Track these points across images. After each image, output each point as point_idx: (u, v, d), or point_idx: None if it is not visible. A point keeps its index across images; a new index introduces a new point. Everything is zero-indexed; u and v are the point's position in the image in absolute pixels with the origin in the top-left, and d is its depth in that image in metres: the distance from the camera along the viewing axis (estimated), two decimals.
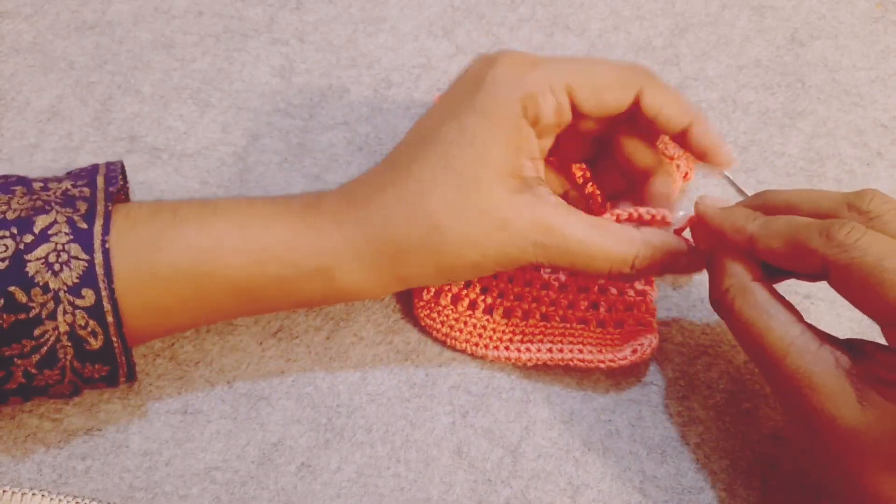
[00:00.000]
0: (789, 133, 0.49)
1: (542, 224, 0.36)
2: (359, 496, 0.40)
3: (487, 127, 0.36)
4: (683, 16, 0.52)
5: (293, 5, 0.51)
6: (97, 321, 0.35)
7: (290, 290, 0.37)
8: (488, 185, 0.36)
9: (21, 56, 0.48)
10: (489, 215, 0.36)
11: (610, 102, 0.37)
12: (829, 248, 0.33)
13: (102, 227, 0.35)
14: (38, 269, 0.34)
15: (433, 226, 0.36)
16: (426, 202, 0.36)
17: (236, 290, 0.36)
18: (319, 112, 0.48)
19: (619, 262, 0.37)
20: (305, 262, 0.36)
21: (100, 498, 0.39)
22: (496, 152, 0.36)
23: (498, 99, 0.36)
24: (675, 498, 0.40)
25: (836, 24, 0.52)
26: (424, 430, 0.41)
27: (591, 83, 0.37)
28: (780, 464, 0.41)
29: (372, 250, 0.36)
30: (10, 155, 0.46)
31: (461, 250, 0.36)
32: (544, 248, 0.36)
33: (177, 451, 0.40)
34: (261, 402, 0.41)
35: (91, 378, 0.36)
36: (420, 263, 0.36)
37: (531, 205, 0.36)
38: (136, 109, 0.47)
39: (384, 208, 0.36)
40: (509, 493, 0.40)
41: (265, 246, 0.36)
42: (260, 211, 0.37)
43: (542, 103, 0.36)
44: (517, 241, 0.36)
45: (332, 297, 0.38)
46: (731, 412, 0.42)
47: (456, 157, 0.36)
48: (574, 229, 0.36)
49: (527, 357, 0.42)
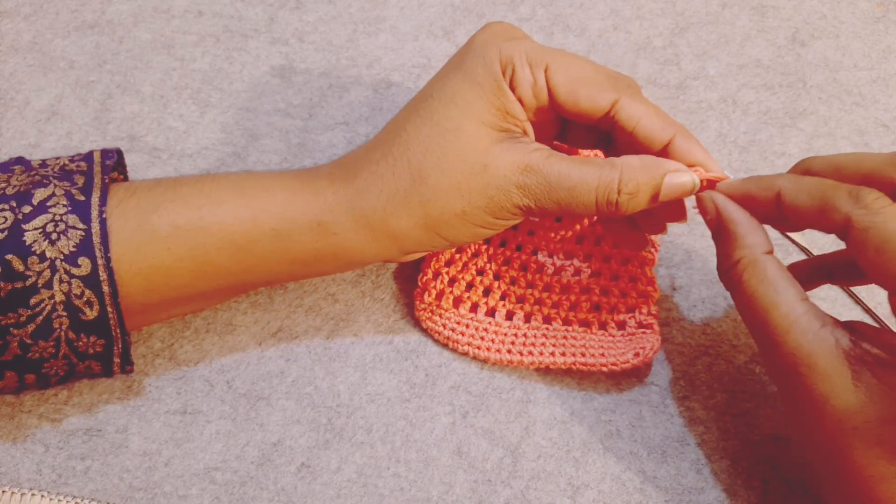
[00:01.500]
0: (790, 133, 0.49)
1: (521, 164, 0.36)
2: (359, 496, 0.39)
3: (469, 85, 0.37)
4: (684, 15, 0.52)
5: (293, 5, 0.51)
6: (93, 290, 0.35)
7: (285, 246, 0.37)
8: (469, 133, 0.36)
9: (20, 55, 0.48)
10: (470, 160, 0.36)
11: (584, 101, 0.37)
12: (855, 208, 0.34)
13: (100, 198, 0.36)
14: (35, 238, 0.34)
15: (417, 174, 0.36)
16: (410, 153, 0.37)
17: (233, 246, 0.37)
18: (319, 112, 0.48)
19: (604, 189, 0.36)
20: (300, 216, 0.37)
21: (99, 498, 0.39)
22: (477, 106, 0.37)
23: (481, 60, 0.37)
24: (675, 498, 0.40)
25: (837, 23, 0.52)
26: (424, 430, 0.41)
27: (569, 72, 0.37)
28: (781, 464, 0.41)
29: (363, 204, 0.37)
30: (10, 154, 0.46)
31: (446, 197, 0.36)
32: (526, 188, 0.36)
33: (176, 452, 0.40)
34: (260, 402, 0.41)
35: (86, 353, 0.36)
36: (409, 216, 0.37)
37: (512, 149, 0.36)
38: (135, 109, 0.47)
39: (373, 164, 0.37)
40: (509, 494, 0.40)
41: (261, 202, 0.37)
42: (257, 177, 0.38)
43: (519, 72, 0.37)
44: (499, 182, 0.36)
45: (326, 255, 0.38)
46: (732, 412, 0.42)
47: (438, 109, 0.37)
48: (553, 164, 0.36)
49: (529, 361, 0.41)
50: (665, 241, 0.45)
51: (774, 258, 0.36)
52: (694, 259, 0.45)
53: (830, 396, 0.33)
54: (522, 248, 0.43)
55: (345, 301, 0.43)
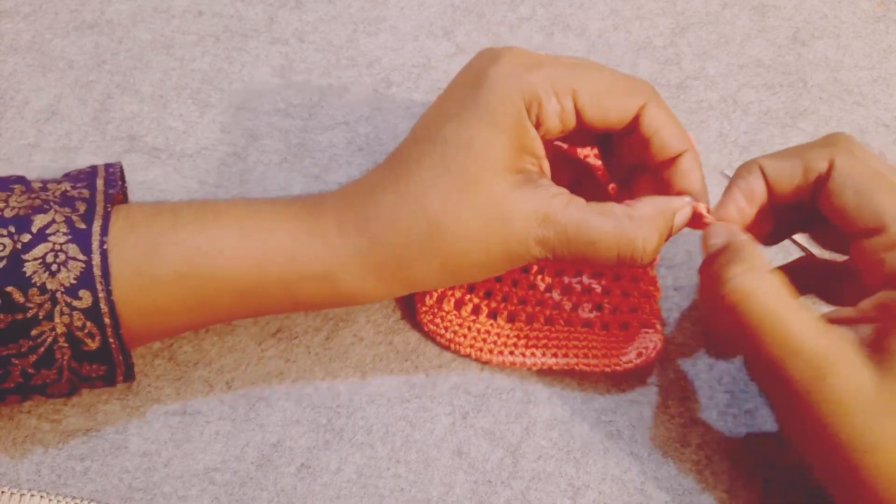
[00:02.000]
0: (790, 133, 0.49)
1: (543, 215, 0.35)
2: (359, 497, 0.39)
3: (488, 127, 0.35)
4: (684, 15, 0.52)
5: (293, 5, 0.51)
6: (94, 322, 0.34)
7: (292, 293, 0.37)
8: (488, 182, 0.35)
9: (20, 55, 0.48)
10: (489, 211, 0.35)
11: (612, 112, 0.36)
12: (837, 153, 0.36)
13: (101, 227, 0.35)
14: (35, 269, 0.34)
15: (434, 226, 0.35)
16: (426, 203, 0.35)
17: (238, 293, 0.36)
18: (319, 112, 0.48)
19: (626, 247, 0.36)
20: (307, 267, 0.36)
21: (99, 499, 0.39)
22: (497, 152, 0.35)
23: (500, 98, 0.35)
24: (676, 499, 0.40)
25: (837, 23, 0.52)
26: (424, 430, 0.41)
27: (596, 89, 0.36)
28: (781, 464, 0.41)
29: (375, 255, 0.36)
30: (9, 155, 0.46)
31: (465, 249, 0.36)
32: (546, 240, 0.35)
33: (176, 452, 0.40)
34: (260, 402, 0.41)
35: (89, 377, 0.36)
36: (424, 266, 0.36)
37: (532, 197, 0.35)
38: (135, 109, 0.47)
39: (385, 212, 0.36)
40: (510, 494, 0.40)
41: (266, 250, 0.36)
42: (260, 215, 0.37)
43: (546, 106, 0.35)
44: (519, 235, 0.35)
45: (336, 301, 0.38)
46: (733, 413, 0.42)
47: (455, 158, 0.35)
48: (572, 214, 0.35)
49: (531, 362, 0.41)
50: None
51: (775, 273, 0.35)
52: (695, 259, 0.45)
53: (856, 390, 0.32)
54: None
55: None
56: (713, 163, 0.48)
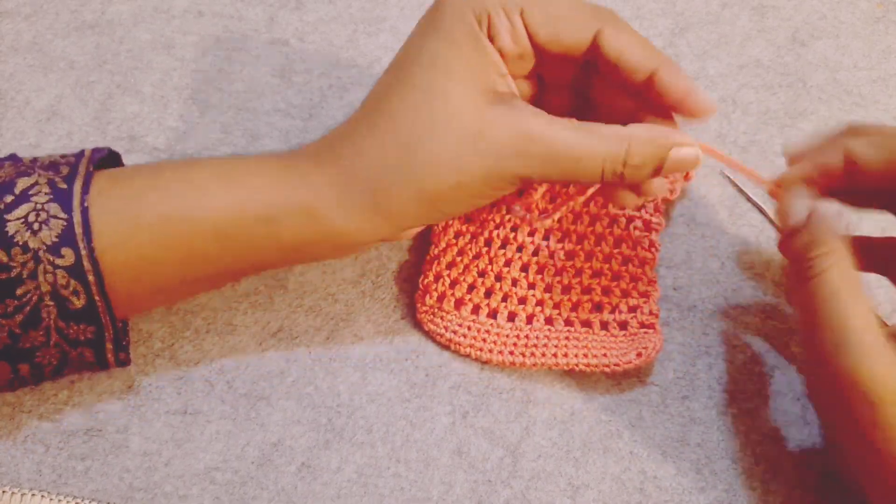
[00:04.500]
0: (790, 133, 0.49)
1: (522, 132, 0.34)
2: (359, 496, 0.39)
3: (447, 44, 0.35)
4: (683, 15, 0.52)
5: (293, 5, 0.51)
6: (78, 280, 0.34)
7: (274, 233, 0.36)
8: (458, 97, 0.35)
9: (21, 56, 0.48)
10: (463, 128, 0.34)
11: (566, 36, 0.36)
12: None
13: (82, 187, 0.35)
14: (17, 228, 0.34)
15: (406, 146, 0.35)
16: (396, 125, 0.35)
17: (220, 234, 0.36)
18: (319, 112, 0.48)
19: (611, 160, 0.35)
20: (287, 201, 0.36)
21: (99, 498, 0.39)
22: (460, 67, 0.35)
23: (452, 15, 0.35)
24: (675, 498, 0.40)
25: (837, 23, 0.52)
26: (424, 430, 0.41)
27: (547, 10, 0.36)
28: (781, 464, 0.41)
29: (351, 184, 0.36)
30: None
31: (438, 170, 0.35)
32: (528, 158, 0.35)
33: (176, 452, 0.40)
34: (260, 402, 0.41)
35: (77, 339, 0.36)
36: (400, 193, 0.35)
37: (507, 115, 0.35)
38: (135, 109, 0.47)
39: (359, 140, 0.36)
40: (509, 494, 0.40)
41: (246, 190, 0.36)
42: (241, 161, 0.37)
43: (496, 20, 0.35)
44: (498, 151, 0.35)
45: (318, 240, 0.37)
46: (732, 412, 0.42)
47: (421, 78, 0.35)
48: (557, 132, 0.35)
49: (531, 362, 0.41)
50: (665, 242, 0.45)
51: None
52: (694, 259, 0.45)
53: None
54: (523, 249, 0.43)
55: (345, 301, 0.43)
56: (713, 163, 0.48)
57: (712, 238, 0.45)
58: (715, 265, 0.45)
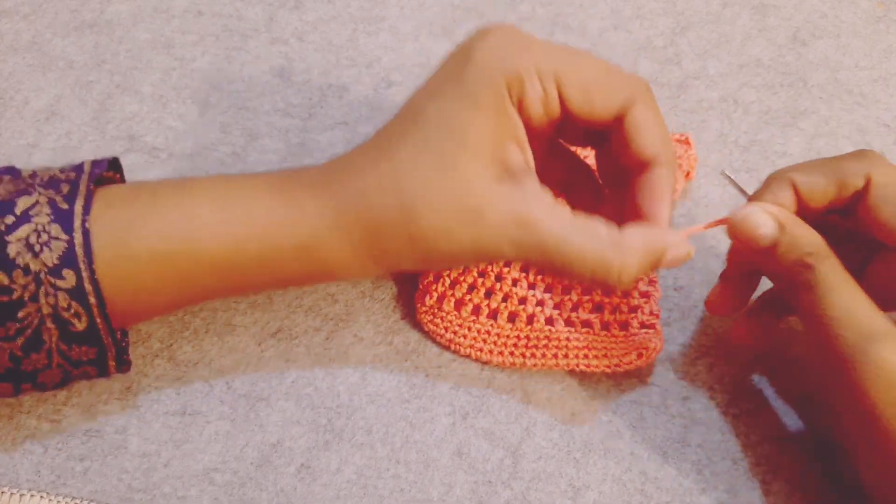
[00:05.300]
0: (791, 133, 0.49)
1: (519, 218, 0.34)
2: (359, 497, 0.39)
3: (469, 107, 0.34)
4: (684, 14, 0.52)
5: (292, 4, 0.51)
6: (79, 302, 0.34)
7: (271, 269, 0.36)
8: (465, 170, 0.34)
9: (20, 55, 0.48)
10: (464, 205, 0.34)
11: (599, 106, 0.35)
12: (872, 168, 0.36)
13: (83, 207, 0.35)
14: (19, 250, 0.33)
15: (407, 209, 0.34)
16: (402, 182, 0.34)
17: (217, 270, 0.36)
18: (319, 112, 0.48)
19: (601, 271, 0.35)
20: (284, 240, 0.36)
21: (98, 499, 0.39)
22: (477, 135, 0.34)
23: (482, 77, 0.34)
24: (676, 499, 0.40)
25: (837, 23, 0.52)
26: (424, 431, 0.41)
27: (583, 78, 0.35)
28: (782, 465, 0.41)
29: (348, 227, 0.35)
30: (9, 154, 0.46)
31: (434, 239, 0.35)
32: (520, 246, 0.34)
33: (175, 453, 0.40)
34: (260, 402, 0.41)
35: (80, 361, 0.36)
36: (396, 245, 0.35)
37: (510, 196, 0.34)
38: (135, 109, 0.47)
39: (361, 185, 0.35)
40: (510, 495, 0.40)
41: (243, 227, 0.35)
42: (238, 192, 0.36)
43: (529, 89, 0.34)
44: (492, 235, 0.34)
45: (315, 275, 0.37)
46: (733, 413, 0.42)
47: (434, 138, 0.34)
48: (553, 226, 0.34)
49: (532, 363, 0.41)
50: None
51: None
52: (695, 259, 0.45)
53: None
54: None
55: (345, 301, 0.43)
56: (713, 163, 0.48)
57: (713, 238, 0.45)
58: (716, 265, 0.45)
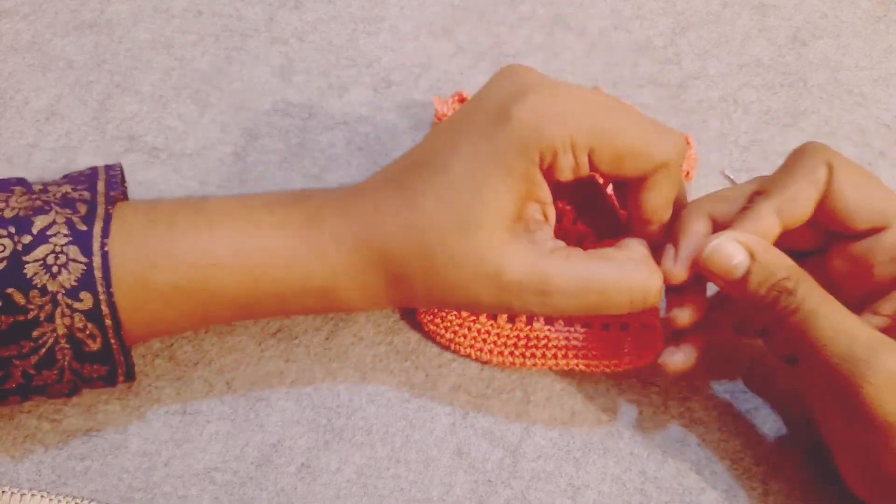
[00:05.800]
0: (791, 133, 0.49)
1: (538, 272, 0.35)
2: (359, 497, 0.39)
3: (499, 173, 0.34)
4: (684, 14, 0.52)
5: (292, 4, 0.51)
6: (95, 324, 0.34)
7: (288, 306, 0.37)
8: (489, 229, 0.35)
9: (19, 55, 0.48)
10: (484, 265, 0.35)
11: (629, 172, 0.35)
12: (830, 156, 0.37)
13: (102, 229, 0.35)
14: (36, 270, 0.34)
15: (428, 262, 0.35)
16: (425, 237, 0.35)
17: (234, 304, 0.36)
18: (319, 112, 0.48)
19: (641, 293, 0.35)
20: (303, 282, 0.36)
21: (99, 499, 0.39)
22: (504, 201, 0.35)
23: (517, 146, 0.34)
24: (675, 499, 0.40)
25: (837, 23, 0.52)
26: (424, 430, 0.41)
27: (617, 147, 0.35)
28: (781, 465, 0.41)
29: (369, 273, 0.36)
30: (9, 154, 0.46)
31: (453, 293, 0.36)
32: (547, 299, 0.35)
33: (176, 452, 0.40)
34: (260, 402, 0.41)
35: (90, 378, 0.36)
36: (415, 292, 0.36)
37: (527, 250, 0.35)
38: (135, 109, 0.47)
39: (382, 232, 0.36)
40: (510, 494, 0.40)
41: (263, 269, 0.36)
42: (257, 227, 0.36)
43: (561, 160, 0.34)
44: (514, 289, 0.35)
45: (331, 310, 0.40)
46: (733, 413, 0.42)
47: (462, 197, 0.35)
48: (574, 268, 0.35)
49: (532, 363, 0.41)
50: None
51: None
52: None
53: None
54: None
55: None
56: (713, 163, 0.48)
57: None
58: None
